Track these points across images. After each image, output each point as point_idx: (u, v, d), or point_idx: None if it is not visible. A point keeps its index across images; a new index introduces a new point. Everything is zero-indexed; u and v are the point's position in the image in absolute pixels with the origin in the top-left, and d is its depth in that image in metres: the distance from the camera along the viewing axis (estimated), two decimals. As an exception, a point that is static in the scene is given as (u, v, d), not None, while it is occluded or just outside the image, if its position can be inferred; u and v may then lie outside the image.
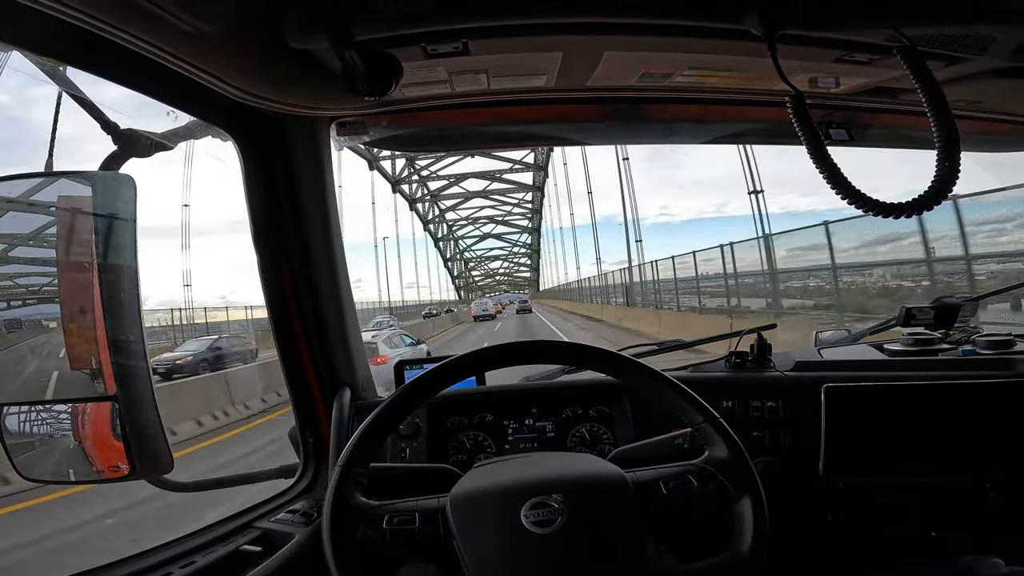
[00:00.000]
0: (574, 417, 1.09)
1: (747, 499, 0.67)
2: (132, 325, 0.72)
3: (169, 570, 0.76)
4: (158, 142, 0.78)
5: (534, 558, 0.62)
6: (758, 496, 0.67)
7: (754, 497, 0.67)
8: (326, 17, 0.66)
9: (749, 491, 0.67)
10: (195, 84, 0.71)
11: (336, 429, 0.98)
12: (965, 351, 1.02)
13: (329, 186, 1.01)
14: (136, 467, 0.73)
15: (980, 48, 0.77)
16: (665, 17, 0.72)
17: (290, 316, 0.99)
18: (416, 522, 0.66)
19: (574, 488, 0.66)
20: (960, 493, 0.95)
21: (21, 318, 0.78)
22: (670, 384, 0.73)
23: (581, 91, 0.95)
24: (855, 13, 0.71)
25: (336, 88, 0.78)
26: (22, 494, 4.01)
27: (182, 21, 0.58)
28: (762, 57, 0.72)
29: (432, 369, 0.74)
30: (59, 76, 0.70)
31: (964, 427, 0.92)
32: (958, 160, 0.68)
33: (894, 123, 1.05)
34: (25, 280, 0.80)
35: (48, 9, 0.53)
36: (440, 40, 0.73)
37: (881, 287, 8.49)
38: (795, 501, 0.92)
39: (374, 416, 0.70)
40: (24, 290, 0.79)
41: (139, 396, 0.72)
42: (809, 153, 0.71)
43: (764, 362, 1.09)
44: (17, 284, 0.79)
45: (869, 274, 8.74)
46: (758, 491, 0.67)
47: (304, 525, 0.88)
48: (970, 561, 0.93)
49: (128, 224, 0.73)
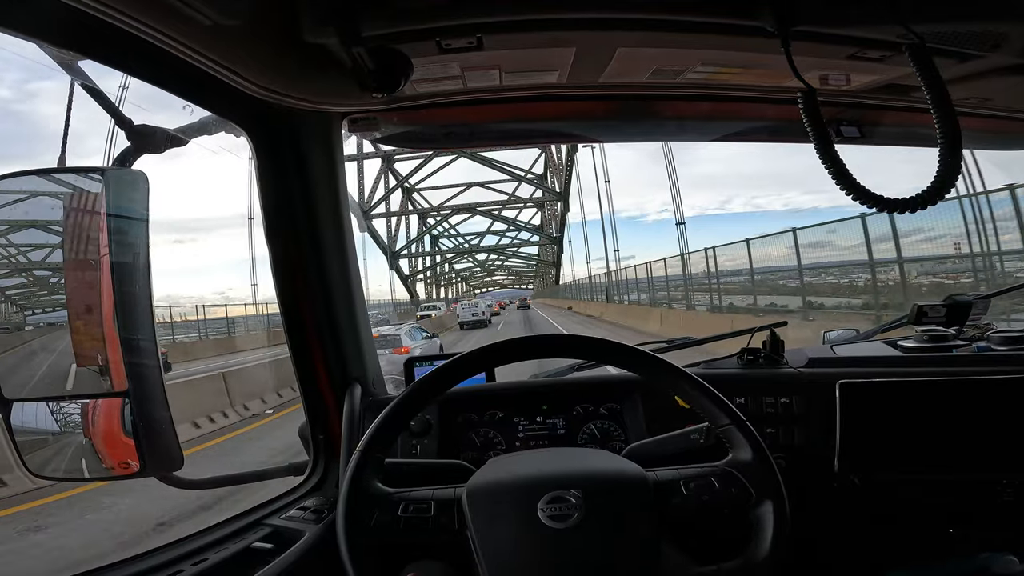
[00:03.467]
0: (584, 414, 1.08)
1: (769, 504, 0.66)
2: (144, 322, 0.72)
3: (181, 567, 0.75)
4: (173, 137, 0.78)
5: (549, 552, 0.62)
6: (781, 501, 0.66)
7: (776, 502, 0.65)
8: (341, 12, 0.66)
9: (772, 495, 0.66)
10: (211, 78, 0.71)
11: (347, 426, 0.98)
12: (979, 347, 1.02)
13: (341, 182, 1.01)
14: (146, 464, 0.72)
15: (992, 45, 0.77)
16: (679, 13, 0.72)
17: (301, 311, 0.98)
18: (431, 511, 0.66)
19: (593, 484, 0.66)
20: (976, 490, 0.94)
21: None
22: (695, 383, 0.72)
23: (593, 87, 0.95)
24: (868, 10, 0.71)
25: (348, 84, 0.78)
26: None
27: (200, 13, 0.58)
28: (774, 54, 0.72)
29: (445, 363, 0.73)
30: (75, 69, 0.70)
31: (979, 423, 0.92)
32: (960, 157, 0.68)
33: (905, 121, 1.05)
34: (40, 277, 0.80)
35: (68, 0, 0.53)
36: (455, 35, 0.73)
37: (933, 284, 7.74)
38: (809, 498, 0.91)
39: (391, 408, 0.70)
40: (44, 290, 0.79)
41: (150, 392, 0.72)
42: (816, 149, 0.71)
43: (777, 359, 1.09)
44: (36, 283, 0.79)
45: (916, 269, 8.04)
46: (781, 496, 0.66)
47: (315, 522, 0.87)
48: (985, 559, 0.92)
49: (140, 221, 0.73)
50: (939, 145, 0.67)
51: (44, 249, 0.78)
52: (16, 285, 0.80)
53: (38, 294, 0.79)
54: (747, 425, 0.69)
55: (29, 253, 0.79)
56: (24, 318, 0.79)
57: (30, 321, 0.79)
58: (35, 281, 0.80)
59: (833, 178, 0.69)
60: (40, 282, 0.80)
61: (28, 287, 0.80)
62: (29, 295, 0.79)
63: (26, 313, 0.80)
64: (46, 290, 0.79)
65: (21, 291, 0.80)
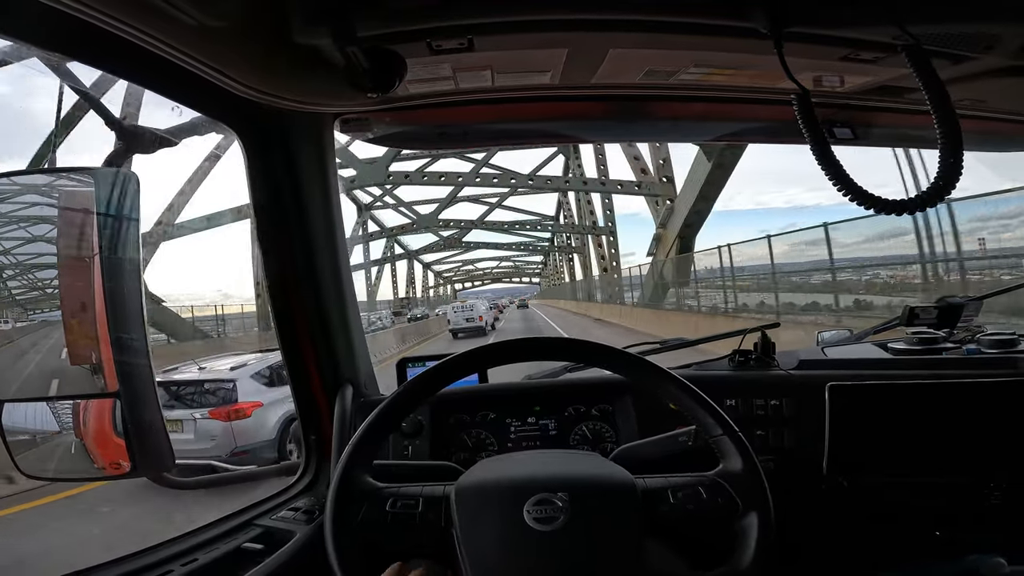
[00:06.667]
0: (576, 415, 1.08)
1: (754, 515, 0.66)
2: (135, 322, 0.72)
3: (171, 567, 0.75)
4: (162, 138, 0.78)
5: (533, 554, 0.62)
6: (766, 512, 0.66)
7: (762, 514, 0.66)
8: (331, 12, 0.66)
9: (758, 507, 0.66)
10: (200, 79, 0.71)
11: (339, 426, 0.98)
12: (969, 350, 1.02)
13: (332, 183, 1.00)
14: (137, 464, 0.73)
15: (986, 47, 0.77)
16: (671, 14, 0.72)
17: (292, 312, 0.98)
18: (419, 507, 0.66)
19: (580, 488, 0.66)
20: (964, 492, 0.94)
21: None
22: (689, 391, 0.72)
23: (585, 88, 0.95)
24: (862, 11, 0.71)
25: (340, 84, 0.78)
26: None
27: (187, 15, 0.58)
28: (767, 55, 0.72)
29: (438, 364, 0.74)
30: (63, 71, 0.69)
31: (968, 426, 0.92)
32: (961, 159, 0.68)
33: (898, 122, 1.05)
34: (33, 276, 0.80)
35: (52, 2, 0.52)
36: (445, 36, 0.73)
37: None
38: (798, 500, 0.92)
39: (381, 408, 0.70)
40: (37, 289, 0.79)
41: (141, 393, 0.72)
42: (813, 151, 0.71)
43: (768, 361, 1.09)
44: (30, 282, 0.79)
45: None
46: (767, 508, 0.66)
47: (306, 523, 0.88)
48: (974, 560, 0.93)
49: (131, 221, 0.73)
50: (939, 146, 0.67)
51: (33, 249, 0.78)
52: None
53: (28, 294, 0.79)
54: (740, 437, 0.69)
55: (18, 252, 0.79)
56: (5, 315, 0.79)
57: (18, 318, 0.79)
58: (29, 282, 0.80)
59: (831, 180, 0.69)
60: (32, 282, 0.80)
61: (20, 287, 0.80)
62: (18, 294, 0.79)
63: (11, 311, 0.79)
64: (36, 290, 0.79)
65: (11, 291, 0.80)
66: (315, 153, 0.96)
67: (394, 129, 1.01)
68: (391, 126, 1.00)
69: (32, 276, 0.78)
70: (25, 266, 0.78)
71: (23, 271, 0.78)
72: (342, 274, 1.04)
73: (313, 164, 0.96)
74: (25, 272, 0.78)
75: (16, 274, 0.78)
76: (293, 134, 0.92)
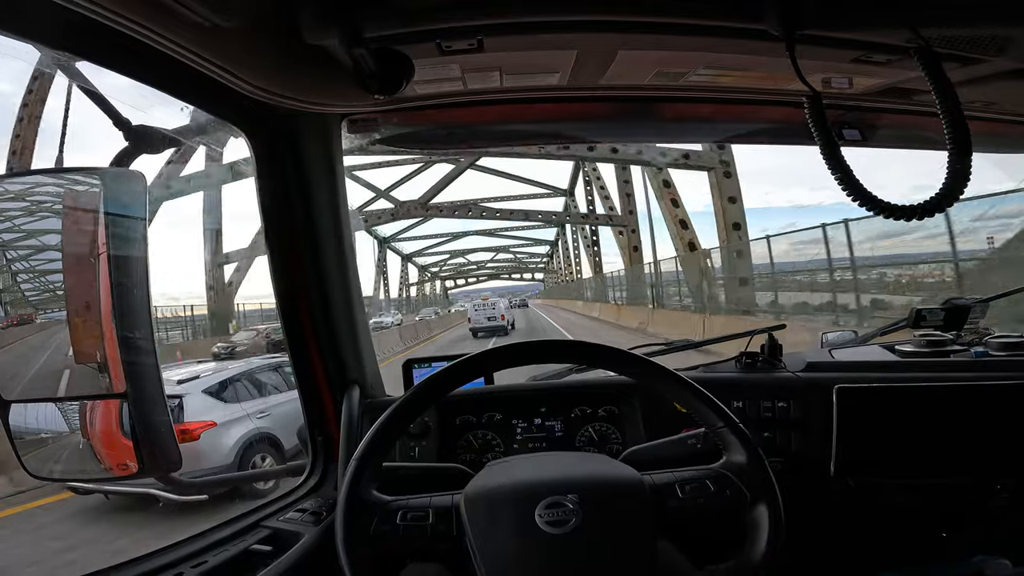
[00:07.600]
0: (582, 417, 1.08)
1: (763, 506, 0.66)
2: (142, 322, 0.72)
3: (181, 569, 0.75)
4: (171, 138, 0.78)
5: (546, 558, 0.62)
6: (775, 503, 0.66)
7: (771, 504, 0.66)
8: (340, 13, 0.65)
9: (766, 498, 0.66)
10: (209, 80, 0.71)
11: (346, 428, 0.98)
12: (977, 353, 1.02)
13: (340, 183, 1.00)
14: (145, 465, 0.72)
15: (998, 49, 0.77)
16: (682, 16, 0.71)
17: (300, 313, 0.98)
18: (430, 518, 0.66)
19: (590, 489, 0.66)
20: (970, 494, 0.95)
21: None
22: (689, 387, 0.72)
23: (594, 89, 0.95)
24: (875, 14, 0.70)
25: (348, 85, 0.78)
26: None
27: (198, 15, 0.58)
28: (778, 57, 0.72)
29: (446, 368, 0.73)
30: (72, 71, 0.69)
31: (976, 429, 0.92)
32: (970, 163, 0.68)
33: (907, 124, 1.05)
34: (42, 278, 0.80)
35: (64, 2, 0.52)
36: (455, 37, 0.73)
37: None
38: (805, 501, 0.92)
39: (389, 413, 0.70)
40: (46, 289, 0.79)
41: (149, 393, 0.72)
42: (822, 154, 0.71)
43: (775, 363, 1.09)
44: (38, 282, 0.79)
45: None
46: (775, 498, 0.66)
47: (313, 524, 0.87)
48: (978, 562, 0.93)
49: (139, 221, 0.73)
50: (948, 150, 0.67)
51: (42, 248, 0.78)
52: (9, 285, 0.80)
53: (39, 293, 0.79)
54: (741, 427, 0.70)
55: (26, 252, 0.79)
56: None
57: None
58: (39, 283, 0.79)
59: (840, 184, 0.69)
60: (41, 283, 0.79)
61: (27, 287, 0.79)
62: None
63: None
64: (46, 290, 0.78)
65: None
66: (323, 153, 0.96)
67: (401, 129, 1.00)
68: (399, 127, 1.00)
69: (45, 279, 0.78)
70: (41, 268, 0.78)
71: (41, 273, 0.78)
72: (349, 274, 1.04)
73: (321, 164, 0.96)
74: (43, 274, 0.78)
75: (33, 277, 0.78)
76: (301, 135, 0.92)
